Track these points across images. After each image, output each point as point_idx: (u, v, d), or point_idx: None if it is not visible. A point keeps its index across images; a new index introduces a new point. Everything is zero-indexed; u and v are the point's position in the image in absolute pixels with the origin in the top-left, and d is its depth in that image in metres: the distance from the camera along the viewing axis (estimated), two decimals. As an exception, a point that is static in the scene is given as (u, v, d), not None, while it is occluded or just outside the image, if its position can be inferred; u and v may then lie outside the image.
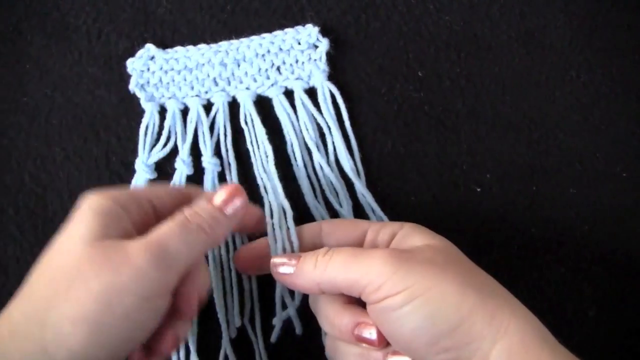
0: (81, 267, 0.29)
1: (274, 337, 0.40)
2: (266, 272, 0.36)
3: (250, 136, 0.43)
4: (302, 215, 0.42)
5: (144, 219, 0.32)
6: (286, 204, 0.39)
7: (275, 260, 0.35)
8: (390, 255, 0.31)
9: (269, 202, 0.40)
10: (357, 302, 0.34)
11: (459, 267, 0.31)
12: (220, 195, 0.34)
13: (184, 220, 0.31)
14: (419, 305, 0.29)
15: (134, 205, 0.32)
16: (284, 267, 0.34)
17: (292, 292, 0.40)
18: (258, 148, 0.42)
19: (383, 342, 0.32)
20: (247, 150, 0.43)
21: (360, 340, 0.33)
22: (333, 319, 0.34)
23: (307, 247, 0.36)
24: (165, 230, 0.31)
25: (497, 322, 0.29)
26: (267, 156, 0.42)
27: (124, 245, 0.29)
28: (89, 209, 0.31)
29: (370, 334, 0.32)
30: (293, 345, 0.41)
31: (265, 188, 0.41)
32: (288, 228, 0.38)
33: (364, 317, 0.33)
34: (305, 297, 0.40)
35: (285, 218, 0.38)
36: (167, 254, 0.30)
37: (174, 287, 0.31)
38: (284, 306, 0.40)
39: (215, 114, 0.44)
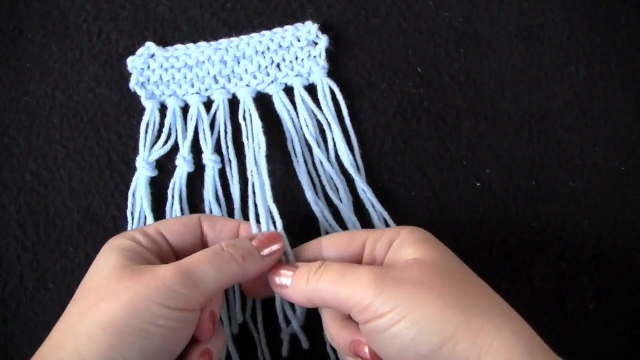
0: (110, 285, 0.31)
1: (285, 352, 0.40)
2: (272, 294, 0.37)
3: (247, 131, 0.43)
4: (303, 212, 0.42)
5: (160, 249, 0.35)
6: (274, 209, 0.38)
7: (273, 272, 0.35)
8: (375, 277, 0.31)
9: (255, 205, 0.38)
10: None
11: (446, 285, 0.31)
12: (260, 237, 0.35)
13: (218, 249, 0.34)
14: (403, 327, 0.30)
15: (142, 237, 0.35)
16: (281, 279, 0.35)
17: (292, 305, 0.40)
18: (253, 141, 0.42)
19: (377, 359, 0.33)
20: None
21: (357, 355, 0.33)
22: (332, 334, 0.35)
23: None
24: (197, 256, 0.33)
25: (482, 340, 0.29)
26: (259, 148, 0.41)
27: (152, 268, 0.32)
28: (109, 248, 0.34)
29: (365, 352, 0.33)
30: (295, 341, 0.41)
31: (253, 187, 0.39)
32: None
33: (358, 335, 0.33)
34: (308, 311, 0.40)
35: (275, 225, 0.37)
36: (194, 275, 0.32)
37: (202, 305, 0.33)
38: (285, 316, 0.40)
39: (216, 111, 0.44)
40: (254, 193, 0.38)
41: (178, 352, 0.32)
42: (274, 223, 0.37)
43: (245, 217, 0.42)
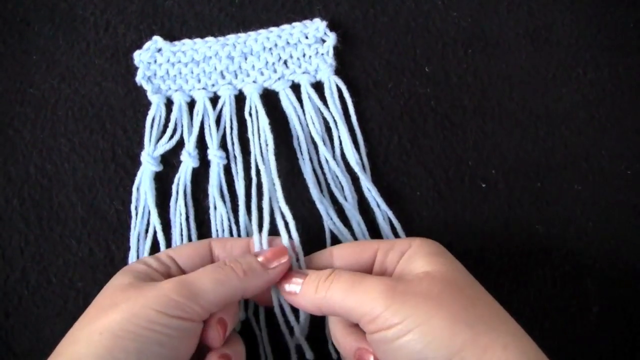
0: (114, 298, 0.32)
1: None
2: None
3: (253, 127, 0.43)
4: (308, 209, 0.42)
5: (169, 272, 0.36)
6: (287, 211, 0.38)
7: (283, 278, 0.36)
8: (386, 288, 0.31)
9: (260, 208, 0.39)
10: None
11: (455, 300, 0.31)
12: (266, 253, 0.36)
13: (221, 263, 0.35)
14: (410, 339, 0.30)
15: (153, 261, 0.36)
16: (290, 286, 0.35)
17: (295, 313, 0.39)
18: (259, 138, 0.42)
19: None
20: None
21: None
22: (338, 339, 0.35)
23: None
24: (200, 270, 0.34)
25: (488, 357, 0.29)
26: (267, 145, 0.41)
27: (155, 282, 0.33)
28: (121, 271, 0.35)
29: None
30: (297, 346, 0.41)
31: (260, 187, 0.40)
32: (291, 239, 0.38)
33: (364, 343, 0.34)
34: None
35: (288, 228, 0.38)
36: (193, 285, 0.33)
37: (203, 317, 0.33)
38: (287, 323, 0.39)
39: (222, 107, 0.44)
40: (260, 193, 0.39)
41: None
42: (287, 225, 0.38)
43: (250, 214, 0.42)
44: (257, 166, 0.41)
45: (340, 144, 0.43)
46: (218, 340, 0.34)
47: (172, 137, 0.43)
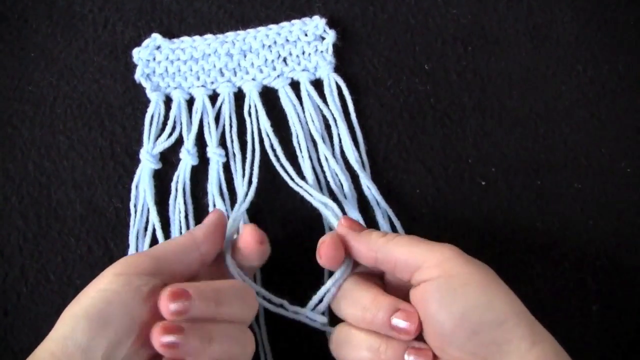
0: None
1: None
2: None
3: (252, 127, 0.43)
4: (307, 207, 0.42)
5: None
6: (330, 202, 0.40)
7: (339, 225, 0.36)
8: (453, 247, 0.33)
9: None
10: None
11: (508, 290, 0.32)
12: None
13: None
14: (474, 290, 0.31)
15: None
16: (347, 231, 0.36)
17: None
18: (261, 142, 0.43)
19: (417, 332, 0.32)
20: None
21: (394, 328, 0.32)
22: (370, 304, 0.34)
23: None
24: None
25: (538, 330, 0.31)
26: (274, 149, 0.42)
27: None
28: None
29: (409, 322, 0.32)
30: (297, 337, 0.41)
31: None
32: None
33: (404, 304, 0.33)
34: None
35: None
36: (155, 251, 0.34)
37: (153, 272, 0.32)
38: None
39: (221, 104, 0.44)
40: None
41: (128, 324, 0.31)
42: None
43: (249, 215, 0.42)
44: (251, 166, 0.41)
45: (340, 141, 0.43)
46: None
47: (171, 134, 0.43)
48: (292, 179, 0.42)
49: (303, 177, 0.42)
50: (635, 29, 0.46)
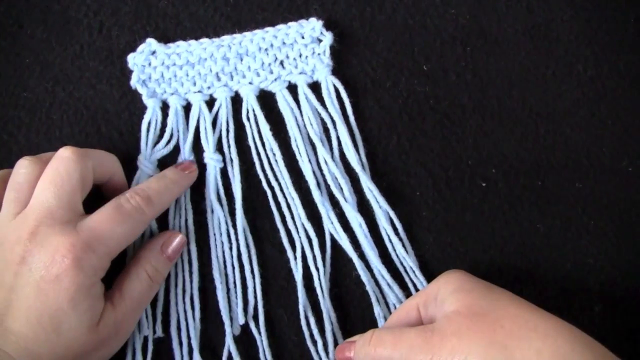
0: None
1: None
2: None
3: (252, 133, 0.43)
4: (307, 212, 0.42)
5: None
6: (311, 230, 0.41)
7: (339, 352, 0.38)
8: (423, 341, 0.33)
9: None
10: None
11: (485, 328, 0.33)
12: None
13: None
14: None
15: None
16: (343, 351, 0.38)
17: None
18: (263, 146, 0.43)
19: None
20: (250, 147, 0.43)
21: None
22: None
23: None
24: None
25: None
26: (274, 155, 0.42)
27: None
28: None
29: None
30: (297, 341, 0.41)
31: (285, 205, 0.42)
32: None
33: None
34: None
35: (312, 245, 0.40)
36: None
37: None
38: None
39: (218, 109, 0.44)
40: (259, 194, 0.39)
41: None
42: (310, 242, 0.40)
43: (247, 217, 0.42)
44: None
45: (339, 144, 0.43)
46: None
47: (168, 142, 0.43)
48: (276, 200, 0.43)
49: (302, 181, 0.42)
50: (635, 28, 0.46)
